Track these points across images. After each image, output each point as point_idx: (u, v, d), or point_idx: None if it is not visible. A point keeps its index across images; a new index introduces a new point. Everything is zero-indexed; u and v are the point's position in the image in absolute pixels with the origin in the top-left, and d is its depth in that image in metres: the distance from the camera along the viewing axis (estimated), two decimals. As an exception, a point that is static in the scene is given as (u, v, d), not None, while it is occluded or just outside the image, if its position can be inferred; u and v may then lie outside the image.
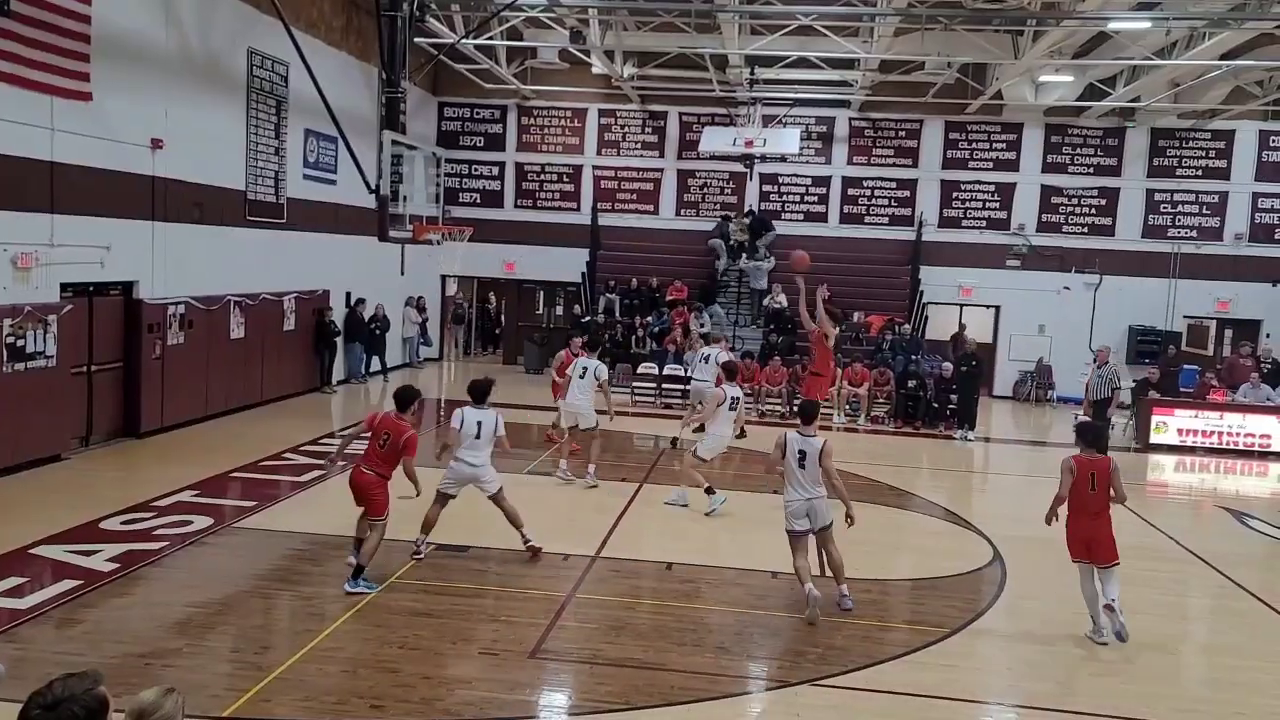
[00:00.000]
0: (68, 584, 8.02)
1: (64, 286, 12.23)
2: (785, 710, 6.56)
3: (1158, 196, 23.15)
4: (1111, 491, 7.91)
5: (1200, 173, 23.00)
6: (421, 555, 9.04)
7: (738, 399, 11.39)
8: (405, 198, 15.78)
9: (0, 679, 2.99)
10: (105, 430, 13.38)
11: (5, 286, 11.23)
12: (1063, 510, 8.09)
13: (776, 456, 8.32)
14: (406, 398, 8.68)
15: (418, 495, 8.51)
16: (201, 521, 9.94)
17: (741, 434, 13.23)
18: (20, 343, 11.31)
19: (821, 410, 12.04)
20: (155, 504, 10.47)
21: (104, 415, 13.31)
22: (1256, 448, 17.27)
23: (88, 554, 8.78)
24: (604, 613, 8.03)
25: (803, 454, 8.17)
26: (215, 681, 6.43)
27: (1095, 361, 15.97)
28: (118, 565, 8.55)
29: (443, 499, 9.06)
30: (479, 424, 8.97)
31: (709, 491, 11.22)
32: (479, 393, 9.14)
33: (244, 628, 7.57)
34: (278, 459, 12.93)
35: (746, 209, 23.83)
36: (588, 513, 11.11)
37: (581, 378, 12.29)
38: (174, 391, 14.27)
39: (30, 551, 8.79)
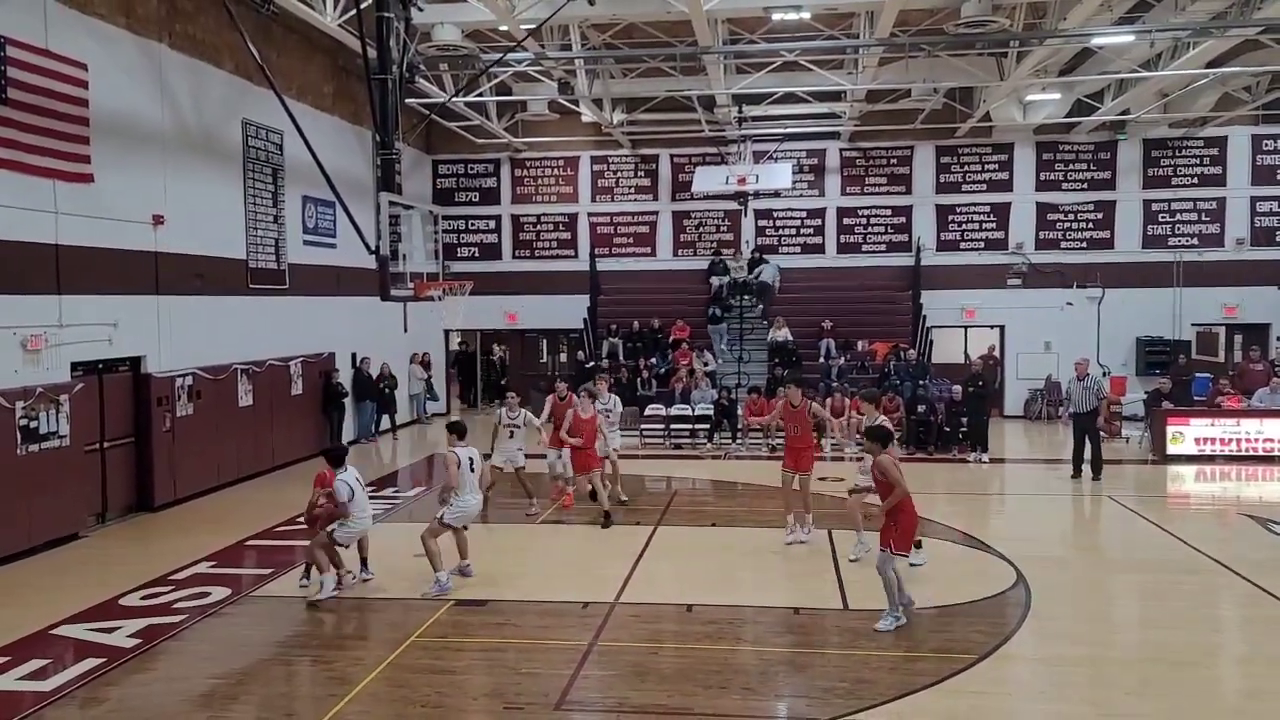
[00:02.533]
0: (90, 662, 8.00)
1: (74, 365, 12.33)
2: (817, 748, 6.48)
3: (1155, 206, 23.22)
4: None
5: (1196, 180, 23.08)
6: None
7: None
8: (404, 256, 15.89)
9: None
10: (120, 506, 13.39)
11: (17, 369, 11.32)
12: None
13: (454, 472, 9.78)
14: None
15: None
16: (220, 592, 9.92)
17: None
18: (34, 424, 11.37)
19: (831, 442, 12.11)
20: (173, 577, 10.45)
21: (118, 491, 13.33)
22: (1277, 452, 17.12)
23: (109, 631, 8.76)
24: (627, 659, 7.96)
25: (471, 460, 9.95)
26: (241, 754, 6.37)
27: (1075, 374, 15.94)
28: (139, 641, 8.53)
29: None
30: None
31: (917, 546, 10.34)
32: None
33: (268, 696, 7.51)
34: (292, 524, 12.89)
35: (750, 253, 23.98)
36: (604, 559, 11.05)
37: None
38: (186, 463, 14.30)
39: (51, 632, 8.77)
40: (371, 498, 10.78)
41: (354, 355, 20.11)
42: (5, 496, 11.01)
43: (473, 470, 9.99)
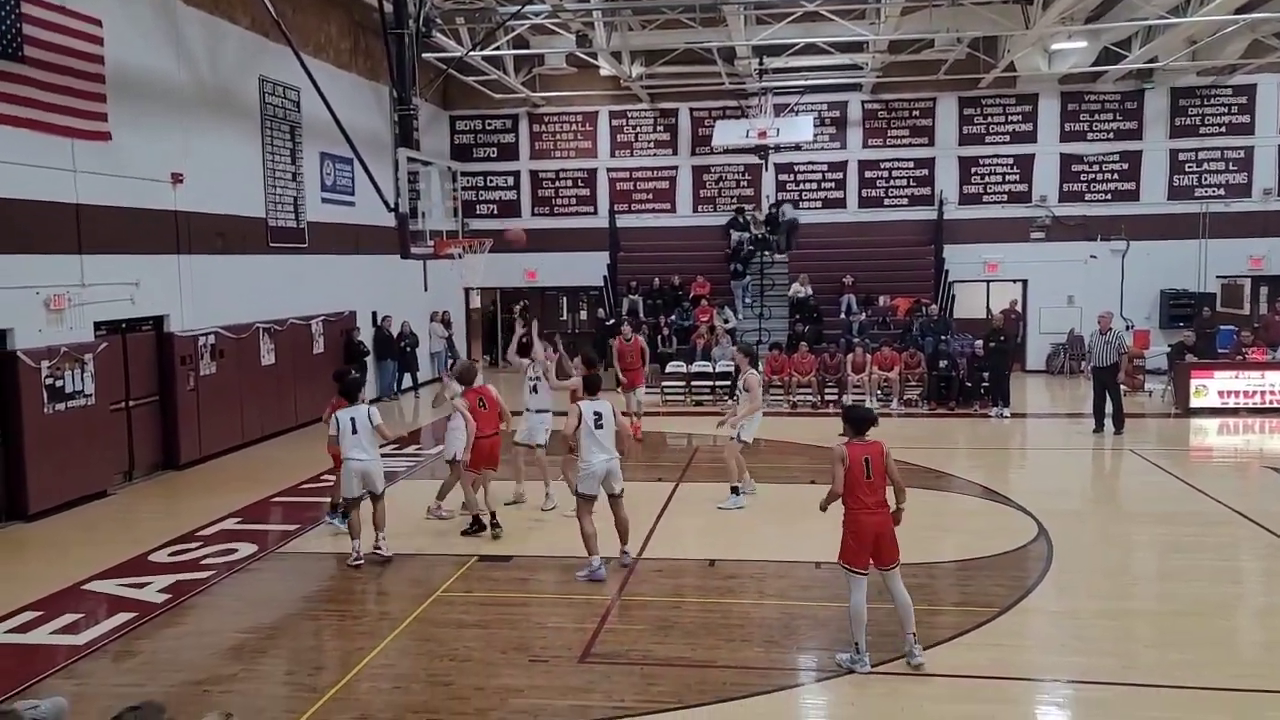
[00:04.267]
0: (122, 617, 8.14)
1: (97, 325, 12.42)
2: (839, 699, 6.54)
3: (1182, 156, 22.83)
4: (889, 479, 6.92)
5: (1224, 129, 22.66)
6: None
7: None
8: (423, 214, 15.85)
9: (61, 713, 3.04)
10: (147, 464, 13.56)
11: (41, 329, 11.41)
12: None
13: (574, 424, 8.73)
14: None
15: None
16: (246, 548, 10.05)
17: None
18: (59, 383, 11.50)
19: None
20: (200, 534, 10.60)
21: (144, 449, 13.49)
22: (1301, 405, 16.99)
23: (139, 587, 8.91)
24: (650, 613, 8.03)
25: (598, 415, 8.74)
26: (272, 705, 6.49)
27: (1098, 328, 15.80)
28: (169, 596, 8.67)
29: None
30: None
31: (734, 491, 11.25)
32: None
33: (296, 650, 7.64)
34: (316, 481, 13.02)
35: (768, 208, 23.78)
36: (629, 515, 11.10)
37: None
38: (210, 421, 14.44)
39: (83, 588, 8.93)
40: (392, 455, 10.84)
41: (374, 314, 20.17)
42: (34, 454, 11.17)
43: (599, 426, 8.76)
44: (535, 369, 11.41)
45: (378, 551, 9.45)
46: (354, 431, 9.33)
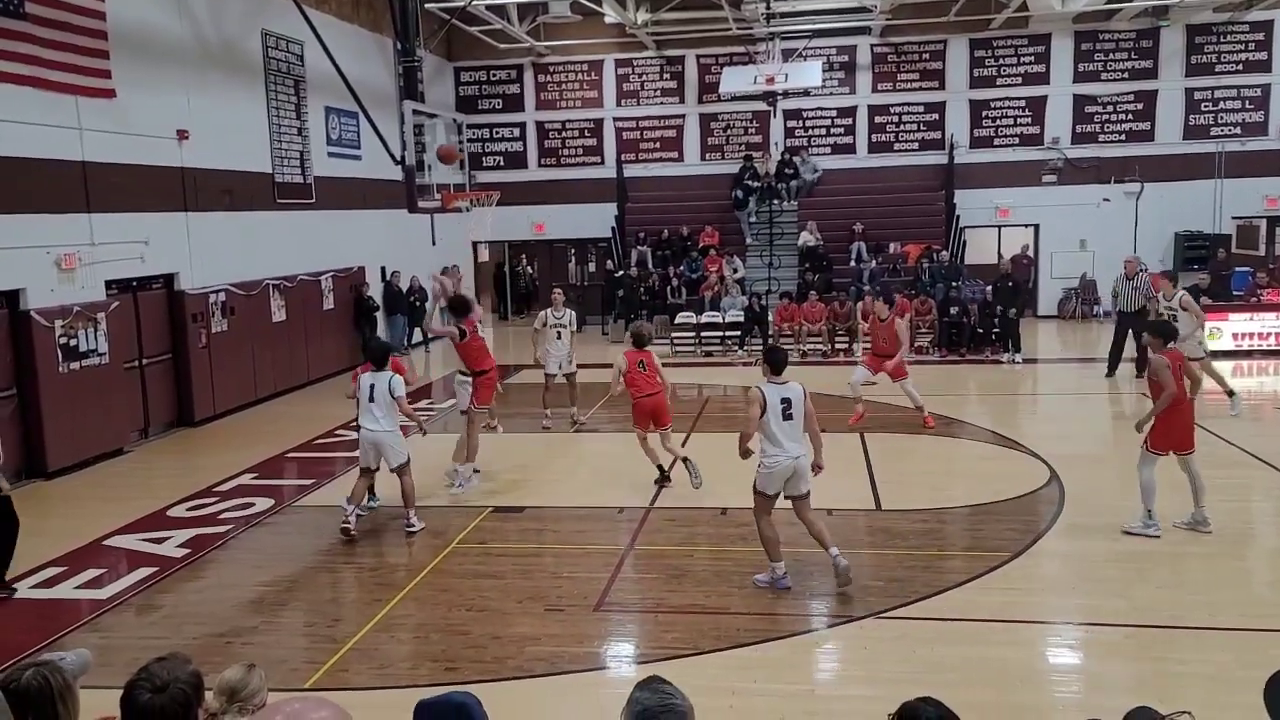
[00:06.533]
0: (143, 571, 8.27)
1: (109, 284, 12.45)
2: (852, 644, 6.61)
3: (1198, 95, 22.46)
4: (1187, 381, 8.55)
5: (1241, 67, 22.27)
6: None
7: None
8: (430, 167, 15.76)
9: (86, 666, 3.09)
10: (162, 421, 13.67)
11: (53, 289, 11.45)
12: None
13: (756, 413, 7.19)
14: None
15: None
16: (263, 503, 10.17)
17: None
18: (73, 342, 11.56)
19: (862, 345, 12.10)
20: (217, 489, 10.71)
21: (159, 407, 13.59)
22: (1316, 347, 16.86)
23: (159, 541, 9.04)
24: (663, 562, 8.11)
25: (787, 402, 7.13)
26: (294, 656, 6.61)
27: (1124, 273, 15.66)
28: (188, 550, 8.79)
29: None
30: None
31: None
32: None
33: (315, 602, 7.75)
34: (330, 436, 13.13)
35: (779, 155, 23.53)
36: (639, 465, 11.14)
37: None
38: (223, 378, 14.52)
39: (104, 543, 9.06)
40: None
41: (383, 269, 20.15)
42: (51, 413, 11.27)
43: (787, 417, 7.07)
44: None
45: (409, 529, 9.05)
46: (370, 399, 8.91)
